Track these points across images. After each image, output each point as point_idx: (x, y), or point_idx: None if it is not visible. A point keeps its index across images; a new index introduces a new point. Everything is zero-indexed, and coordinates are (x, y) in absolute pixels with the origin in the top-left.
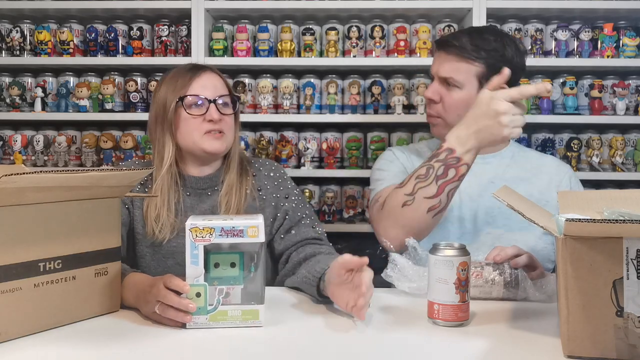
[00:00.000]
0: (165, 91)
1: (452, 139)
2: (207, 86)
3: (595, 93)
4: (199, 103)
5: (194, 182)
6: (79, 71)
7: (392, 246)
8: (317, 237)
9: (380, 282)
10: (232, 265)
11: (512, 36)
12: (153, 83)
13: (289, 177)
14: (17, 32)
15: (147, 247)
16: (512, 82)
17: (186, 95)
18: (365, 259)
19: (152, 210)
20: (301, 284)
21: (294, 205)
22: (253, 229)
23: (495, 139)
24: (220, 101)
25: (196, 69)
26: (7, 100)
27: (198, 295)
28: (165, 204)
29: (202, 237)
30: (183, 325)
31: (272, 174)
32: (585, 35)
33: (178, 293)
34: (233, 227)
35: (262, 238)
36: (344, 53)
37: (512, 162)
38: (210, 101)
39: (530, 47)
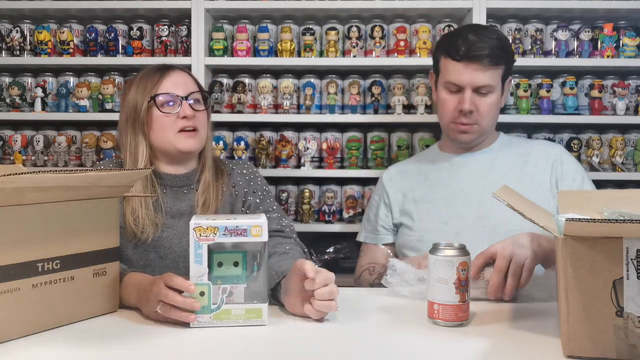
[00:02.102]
0: (134, 93)
1: None
2: (178, 84)
3: (595, 93)
4: (170, 101)
5: (170, 179)
6: (79, 71)
7: None
8: (280, 230)
9: (380, 283)
10: (235, 264)
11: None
12: None
13: (262, 177)
14: (17, 32)
15: (128, 240)
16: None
17: (158, 94)
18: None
19: (130, 213)
20: None
21: (257, 200)
22: (257, 228)
23: None
24: (192, 98)
25: (165, 69)
26: (7, 100)
27: (202, 294)
28: (143, 205)
29: (206, 236)
30: (186, 325)
31: (244, 171)
32: (585, 35)
33: (179, 292)
34: (237, 227)
35: (265, 237)
36: (344, 53)
37: (499, 154)
38: (182, 98)
39: (530, 47)
